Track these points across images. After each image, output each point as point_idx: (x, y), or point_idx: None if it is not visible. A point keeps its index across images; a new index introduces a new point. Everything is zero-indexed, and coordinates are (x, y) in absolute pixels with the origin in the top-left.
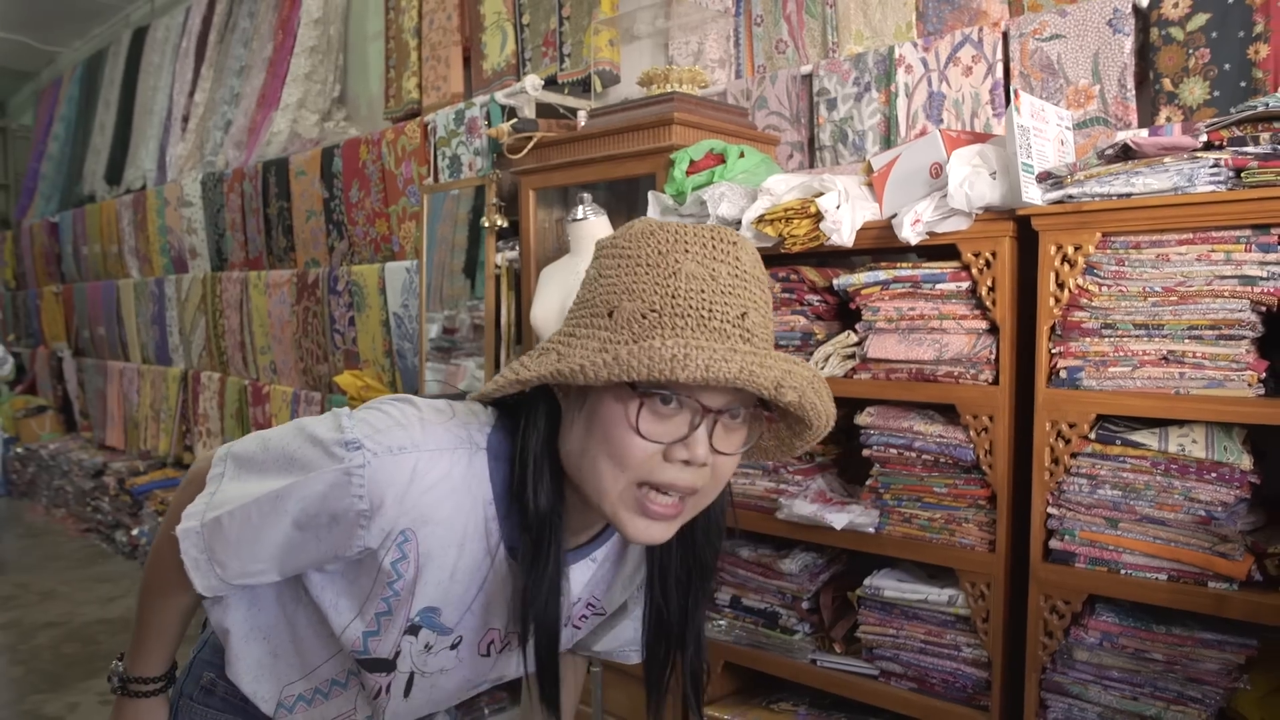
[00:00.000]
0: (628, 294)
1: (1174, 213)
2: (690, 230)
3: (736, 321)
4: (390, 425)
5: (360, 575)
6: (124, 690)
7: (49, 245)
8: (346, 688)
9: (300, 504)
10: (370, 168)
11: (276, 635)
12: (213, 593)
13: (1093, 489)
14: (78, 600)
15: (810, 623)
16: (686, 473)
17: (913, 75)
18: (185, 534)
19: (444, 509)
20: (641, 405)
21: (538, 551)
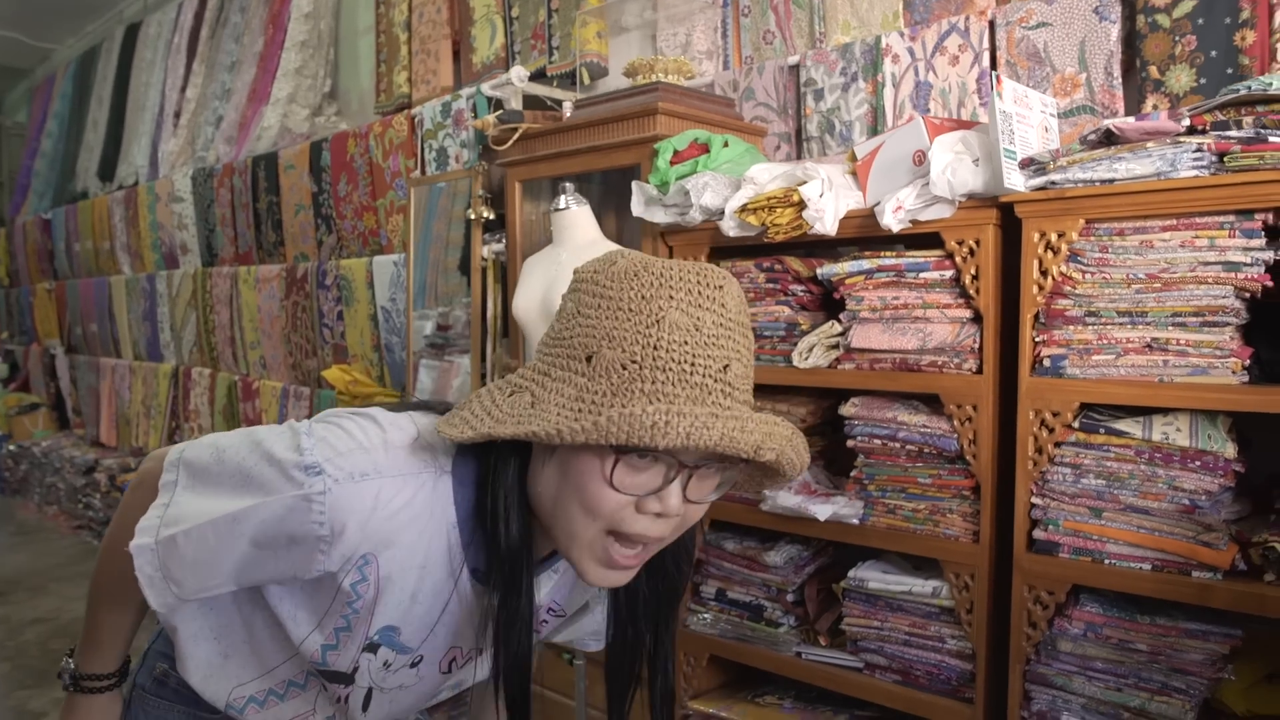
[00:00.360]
0: (608, 340)
1: (1157, 198)
2: (675, 272)
3: (718, 375)
4: (353, 448)
5: (319, 592)
6: (76, 687)
7: (42, 242)
8: (305, 689)
9: (259, 526)
10: (358, 161)
11: (229, 636)
12: (168, 609)
13: (1076, 478)
14: (67, 597)
15: (795, 615)
16: (656, 524)
17: (899, 65)
18: (139, 550)
19: (407, 534)
20: (618, 461)
21: (510, 585)
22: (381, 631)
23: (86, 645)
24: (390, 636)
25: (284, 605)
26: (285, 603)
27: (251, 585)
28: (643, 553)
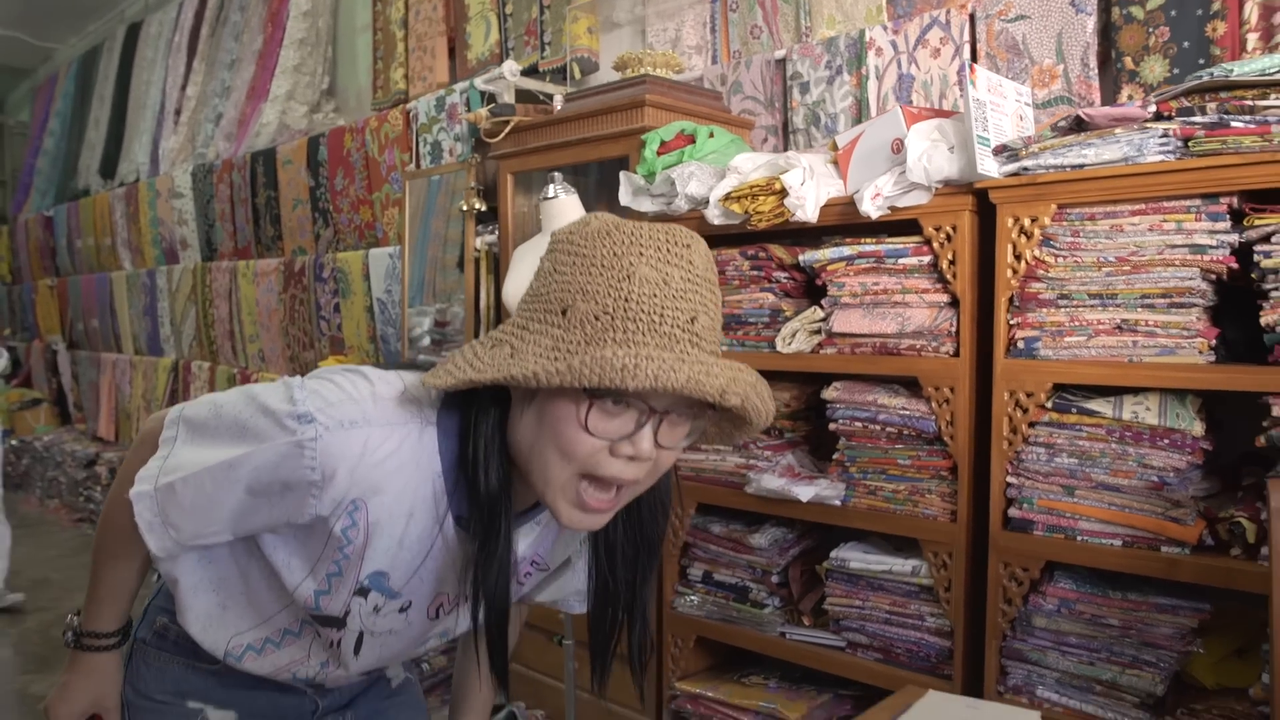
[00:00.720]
0: (581, 294)
1: (1126, 183)
2: (645, 232)
3: (686, 326)
4: (342, 399)
5: (311, 539)
6: (79, 644)
7: (44, 239)
8: (300, 636)
9: (253, 472)
10: (355, 155)
11: (227, 588)
12: (167, 554)
13: (1050, 457)
14: (69, 587)
15: (780, 596)
16: (630, 467)
17: (883, 58)
18: (139, 497)
19: (394, 482)
20: (591, 405)
21: (489, 530)
22: (371, 576)
23: (90, 603)
24: (380, 581)
25: (278, 554)
26: (279, 551)
27: (247, 534)
28: (616, 497)
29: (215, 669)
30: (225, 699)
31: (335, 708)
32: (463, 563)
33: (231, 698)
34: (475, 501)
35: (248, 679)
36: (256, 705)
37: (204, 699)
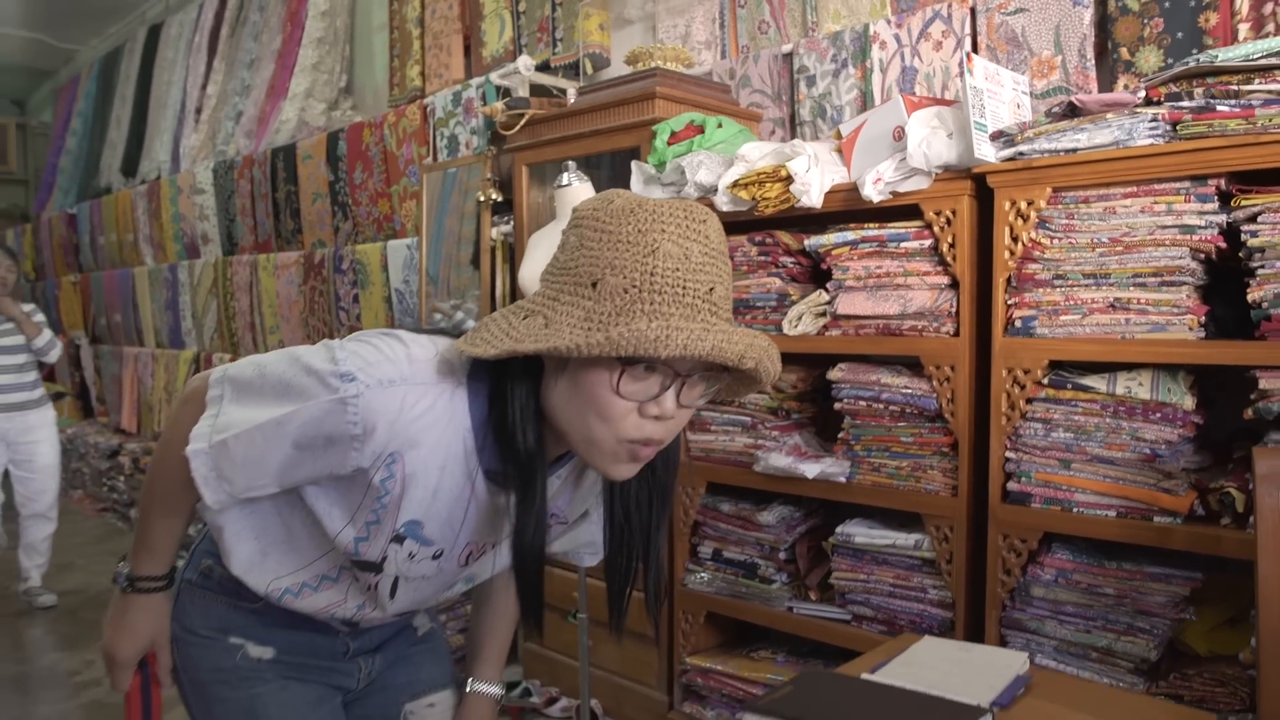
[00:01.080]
0: (610, 269)
1: (1118, 166)
2: (665, 209)
3: (705, 296)
4: (380, 359)
5: (352, 489)
6: (132, 587)
7: (67, 236)
8: (337, 581)
9: (300, 428)
10: (373, 150)
11: (267, 536)
12: (220, 505)
13: (1047, 432)
14: (93, 572)
15: (787, 572)
16: (659, 426)
17: (887, 51)
18: (195, 454)
19: (429, 436)
20: (623, 372)
21: (527, 485)
22: (407, 525)
23: (140, 550)
24: (414, 530)
25: (320, 504)
26: (321, 501)
27: (292, 486)
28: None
29: (256, 608)
30: (264, 636)
31: (366, 650)
32: (491, 514)
33: (270, 635)
34: (511, 458)
35: (286, 619)
36: (293, 643)
37: (245, 635)
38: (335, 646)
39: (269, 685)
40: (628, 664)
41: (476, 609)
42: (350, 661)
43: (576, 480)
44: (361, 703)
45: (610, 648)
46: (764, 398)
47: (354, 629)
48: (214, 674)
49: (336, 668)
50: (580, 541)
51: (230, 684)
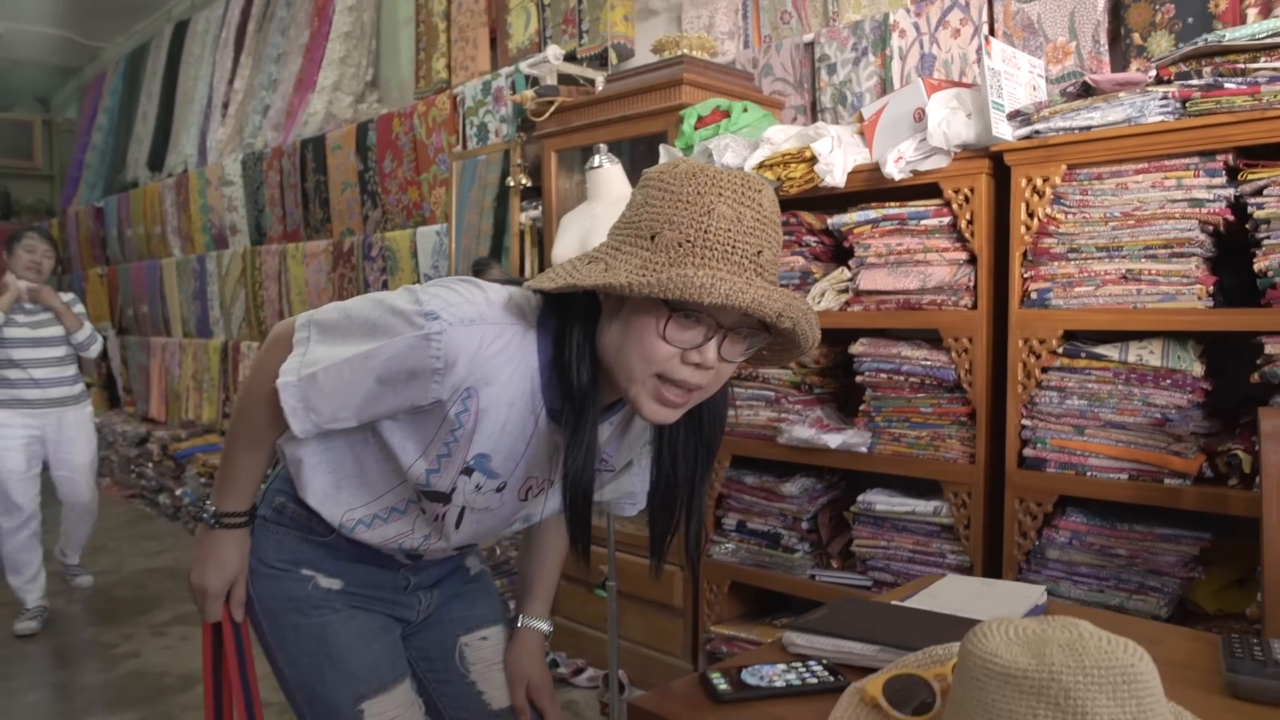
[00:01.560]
0: (668, 224)
1: (1130, 143)
2: (725, 176)
3: (753, 258)
4: (460, 301)
5: (426, 423)
6: (218, 523)
7: (94, 229)
8: (405, 514)
9: (385, 363)
10: (403, 139)
11: (341, 470)
12: (306, 435)
13: (1061, 400)
14: (126, 554)
15: (809, 541)
16: (697, 373)
17: (906, 39)
18: (285, 387)
19: (502, 374)
20: (670, 318)
21: (579, 419)
22: (476, 458)
23: (225, 487)
24: (482, 463)
25: (395, 437)
26: (396, 435)
27: (371, 420)
28: (686, 396)
29: (326, 541)
30: (333, 569)
31: (424, 586)
32: (550, 450)
33: (338, 568)
34: (567, 396)
35: (352, 553)
36: (359, 576)
37: (315, 568)
38: (397, 580)
39: (338, 614)
40: (653, 634)
41: (526, 549)
42: (410, 595)
43: (624, 430)
44: (419, 635)
45: (636, 619)
46: (787, 373)
47: (415, 562)
48: (287, 603)
49: (398, 600)
50: (622, 491)
51: (303, 612)
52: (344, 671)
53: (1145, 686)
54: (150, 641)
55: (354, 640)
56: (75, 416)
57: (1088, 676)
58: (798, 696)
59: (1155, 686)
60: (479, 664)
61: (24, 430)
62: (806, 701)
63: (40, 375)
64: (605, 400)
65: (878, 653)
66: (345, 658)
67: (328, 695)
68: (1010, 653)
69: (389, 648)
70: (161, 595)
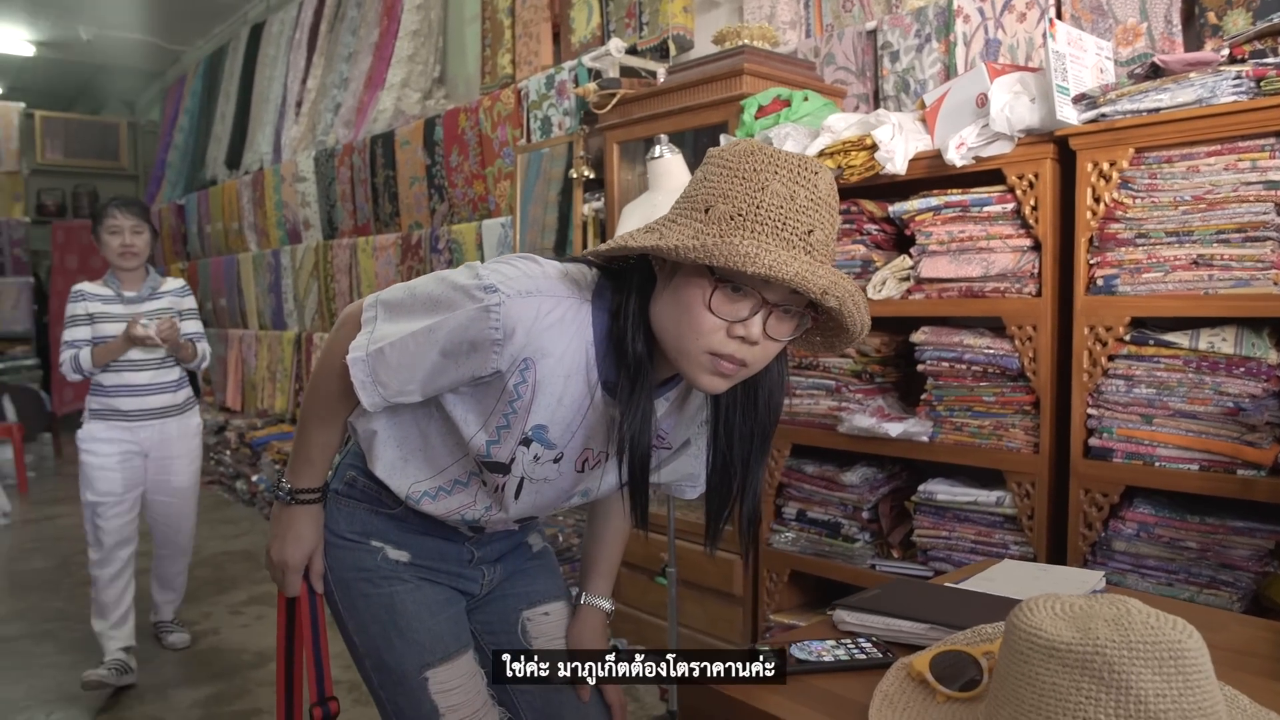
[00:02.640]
0: (723, 198)
1: (1201, 125)
2: (783, 156)
3: (803, 236)
4: (518, 275)
5: (487, 395)
6: (293, 499)
7: (176, 226)
8: (468, 486)
9: (448, 335)
10: (469, 134)
11: (408, 445)
12: (375, 408)
13: (1129, 388)
14: (205, 537)
15: (870, 531)
16: (743, 348)
17: (970, 24)
18: (354, 362)
19: (558, 345)
20: (715, 289)
21: (634, 387)
22: (534, 429)
23: (299, 464)
24: (540, 434)
25: (458, 410)
26: (458, 408)
27: (435, 393)
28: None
29: (395, 513)
30: (401, 541)
31: (488, 560)
32: (607, 424)
33: (406, 540)
34: (623, 366)
35: (419, 526)
36: (425, 549)
37: (384, 539)
38: (461, 554)
39: (406, 584)
40: (713, 622)
41: (590, 532)
42: (475, 569)
43: (680, 407)
44: (483, 609)
45: (696, 607)
46: (848, 361)
47: (479, 535)
48: (358, 573)
49: (463, 573)
50: (682, 473)
51: (372, 581)
52: (410, 640)
53: (1193, 663)
54: (228, 619)
55: (420, 610)
56: (179, 429)
57: (1133, 651)
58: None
59: (1204, 664)
60: (541, 638)
61: (120, 446)
62: (854, 677)
63: (138, 381)
64: (660, 375)
65: (927, 631)
66: (412, 626)
67: (394, 662)
68: (1055, 627)
69: (453, 619)
70: (238, 576)
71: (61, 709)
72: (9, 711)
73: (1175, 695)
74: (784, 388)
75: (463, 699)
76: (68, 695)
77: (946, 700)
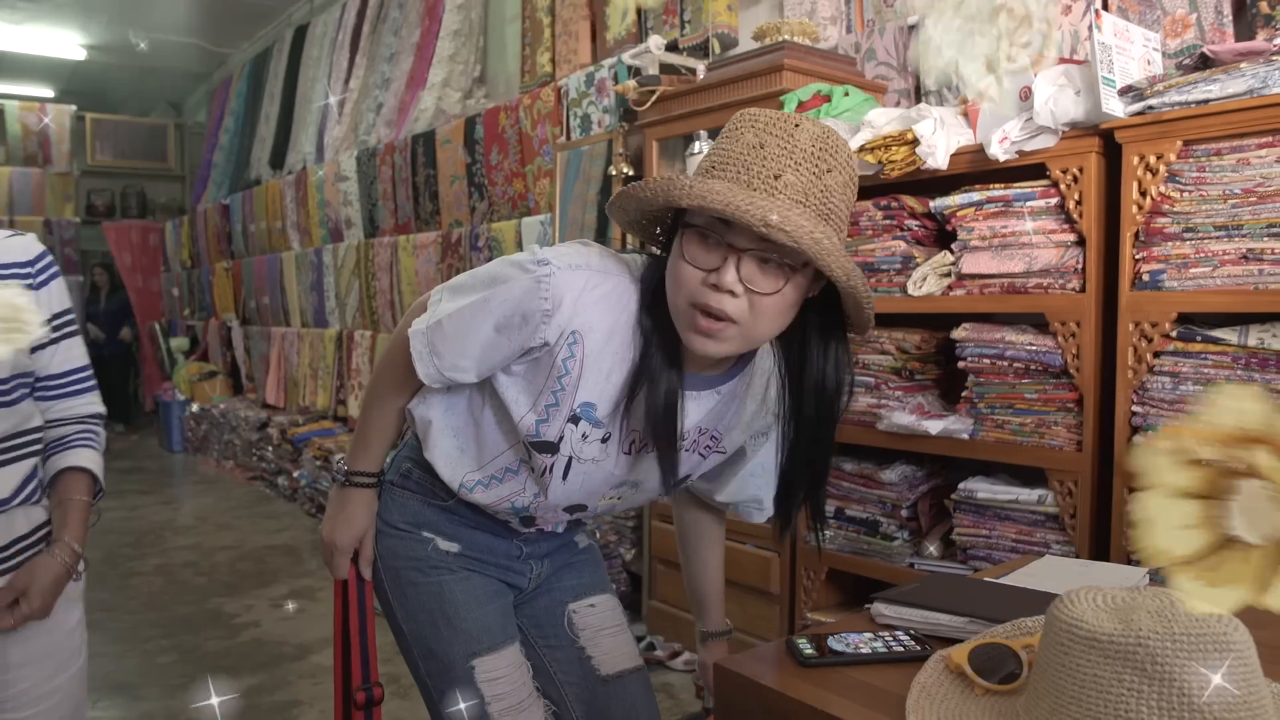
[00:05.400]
0: (707, 158)
1: (1252, 116)
2: (766, 114)
3: (768, 180)
4: (570, 251)
5: (536, 375)
6: (348, 482)
7: (221, 225)
8: (518, 474)
9: (501, 305)
10: (509, 132)
11: (463, 435)
12: (431, 381)
13: (1175, 385)
14: (247, 531)
15: (909, 529)
16: (725, 300)
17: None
18: (414, 335)
19: (605, 321)
20: (684, 236)
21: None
22: (582, 406)
23: (357, 448)
24: (588, 411)
25: (509, 392)
26: (510, 389)
27: (488, 373)
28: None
29: (447, 505)
30: (452, 533)
31: (536, 556)
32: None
33: (456, 533)
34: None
35: (470, 519)
36: (475, 542)
37: (435, 531)
38: (510, 549)
39: (454, 574)
40: (750, 620)
41: (687, 570)
42: (523, 563)
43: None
44: (530, 604)
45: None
46: (888, 358)
47: (528, 525)
48: (408, 562)
49: (511, 567)
50: (747, 495)
51: (422, 570)
52: (457, 629)
53: (1239, 656)
54: (269, 613)
55: (468, 599)
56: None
57: (1176, 643)
58: (883, 664)
59: (1250, 658)
60: (587, 630)
61: None
62: (892, 669)
63: None
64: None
65: (966, 624)
66: (460, 615)
67: (441, 650)
68: (1097, 618)
69: (501, 610)
70: (280, 570)
71: (108, 697)
72: None
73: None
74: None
75: (508, 688)
76: (114, 684)
77: (985, 693)
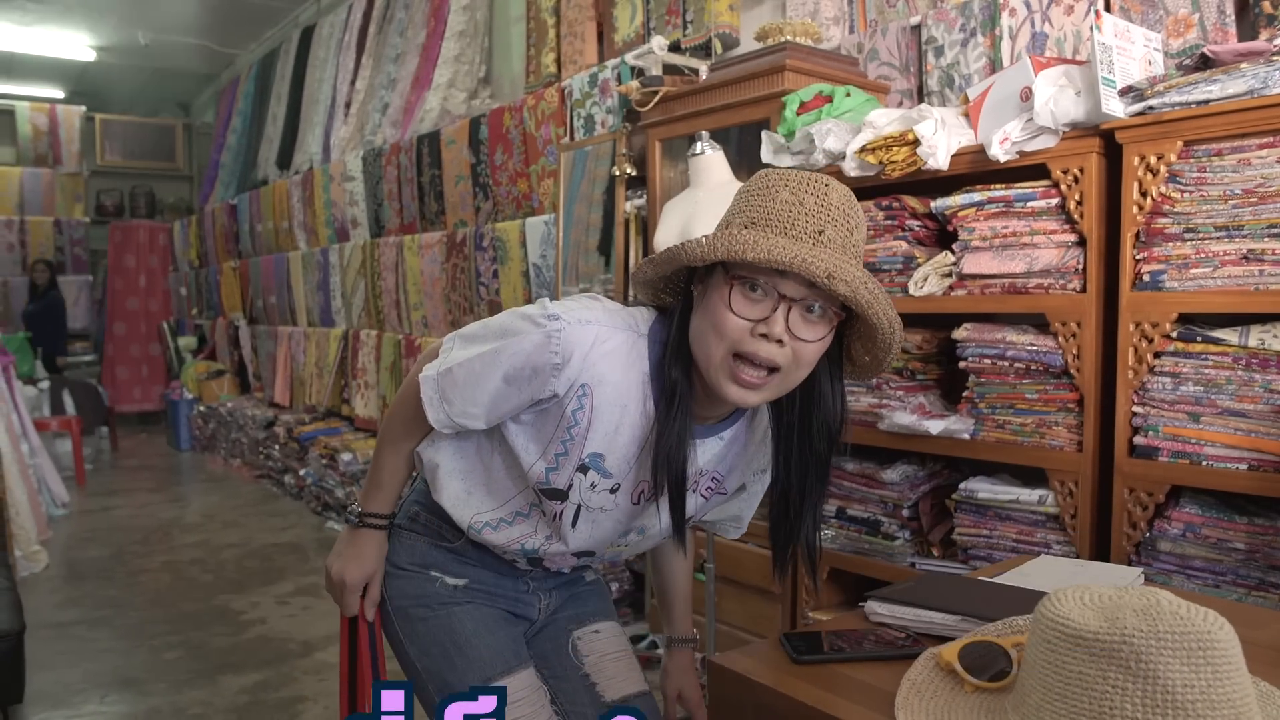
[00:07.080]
0: (739, 213)
1: (1253, 116)
2: (795, 173)
3: (814, 234)
4: (580, 307)
5: (546, 423)
6: (361, 523)
7: (228, 225)
8: (529, 517)
9: (511, 358)
10: (513, 132)
11: (471, 478)
12: (440, 426)
13: (1175, 386)
14: (254, 529)
15: (910, 529)
16: (769, 347)
17: (1016, 18)
18: (425, 380)
19: (615, 374)
20: (733, 288)
21: (671, 408)
22: (590, 456)
23: (370, 490)
24: (597, 461)
25: (519, 440)
26: (520, 438)
27: (497, 420)
28: (767, 378)
29: (454, 547)
30: (459, 572)
31: (544, 589)
32: None
33: (463, 570)
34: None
35: (477, 559)
36: (483, 578)
37: (442, 570)
38: (518, 585)
39: (462, 606)
40: (751, 619)
41: (656, 577)
42: (532, 595)
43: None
44: (537, 638)
45: (734, 604)
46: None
47: (536, 567)
48: (416, 599)
49: (520, 599)
50: (728, 514)
51: (430, 606)
52: (471, 657)
53: (1223, 654)
54: (275, 609)
55: (479, 627)
56: None
57: (1160, 641)
58: (875, 661)
59: (1234, 655)
60: (591, 655)
61: None
62: (883, 666)
63: None
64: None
65: (958, 623)
66: (471, 644)
67: (457, 680)
68: (1083, 616)
69: (512, 636)
70: (286, 568)
71: (116, 692)
72: (66, 694)
73: (1204, 686)
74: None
75: (527, 711)
76: (122, 679)
77: (975, 690)
